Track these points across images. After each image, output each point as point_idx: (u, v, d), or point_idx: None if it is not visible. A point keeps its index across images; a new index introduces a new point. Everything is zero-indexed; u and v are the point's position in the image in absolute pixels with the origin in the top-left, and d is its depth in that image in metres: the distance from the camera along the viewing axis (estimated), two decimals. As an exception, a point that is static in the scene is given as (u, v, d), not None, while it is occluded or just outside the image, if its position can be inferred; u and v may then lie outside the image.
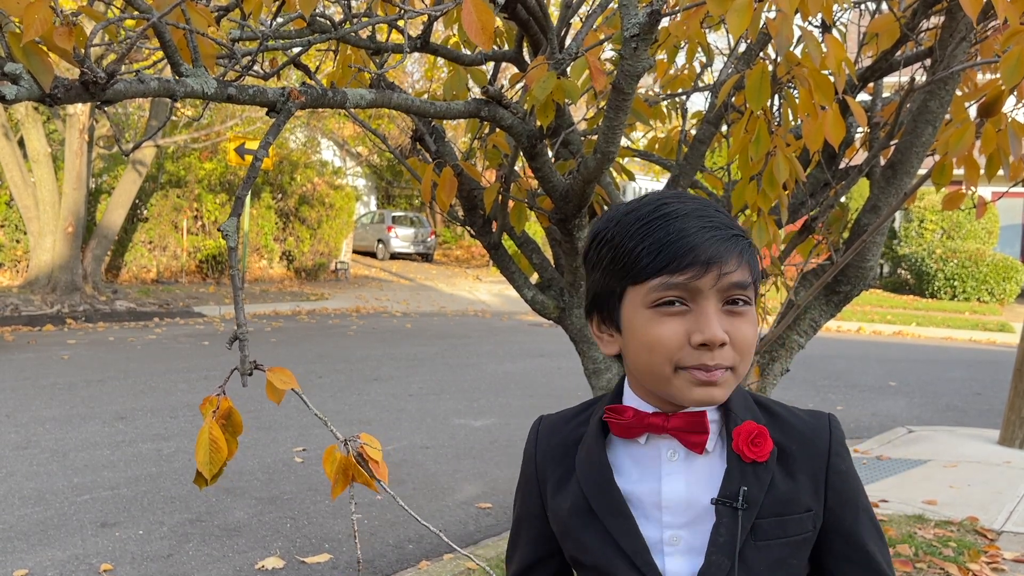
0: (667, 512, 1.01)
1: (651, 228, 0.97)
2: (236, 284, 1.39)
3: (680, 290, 0.95)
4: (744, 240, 0.99)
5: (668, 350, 0.96)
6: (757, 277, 1.01)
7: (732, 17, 1.65)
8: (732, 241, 0.97)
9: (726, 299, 0.97)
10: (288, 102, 1.49)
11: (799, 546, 1.00)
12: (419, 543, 4.12)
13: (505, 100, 2.05)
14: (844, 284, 2.75)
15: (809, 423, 1.05)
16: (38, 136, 13.08)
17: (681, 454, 1.01)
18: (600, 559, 1.02)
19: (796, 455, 1.02)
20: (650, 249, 0.96)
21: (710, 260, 0.95)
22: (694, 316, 0.96)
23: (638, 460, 1.04)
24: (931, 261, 17.89)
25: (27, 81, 1.19)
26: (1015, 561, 3.70)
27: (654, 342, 0.97)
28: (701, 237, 0.95)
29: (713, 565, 0.98)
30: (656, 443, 1.03)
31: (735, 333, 0.96)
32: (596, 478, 1.03)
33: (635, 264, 0.97)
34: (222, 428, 1.32)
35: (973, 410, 7.80)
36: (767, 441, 1.00)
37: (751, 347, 0.99)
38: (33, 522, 4.22)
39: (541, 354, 10.33)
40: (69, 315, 12.02)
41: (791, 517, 1.00)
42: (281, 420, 6.30)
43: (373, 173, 27.17)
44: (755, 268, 1.00)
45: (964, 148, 2.05)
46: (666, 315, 0.96)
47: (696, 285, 0.95)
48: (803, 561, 1.02)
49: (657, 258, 0.95)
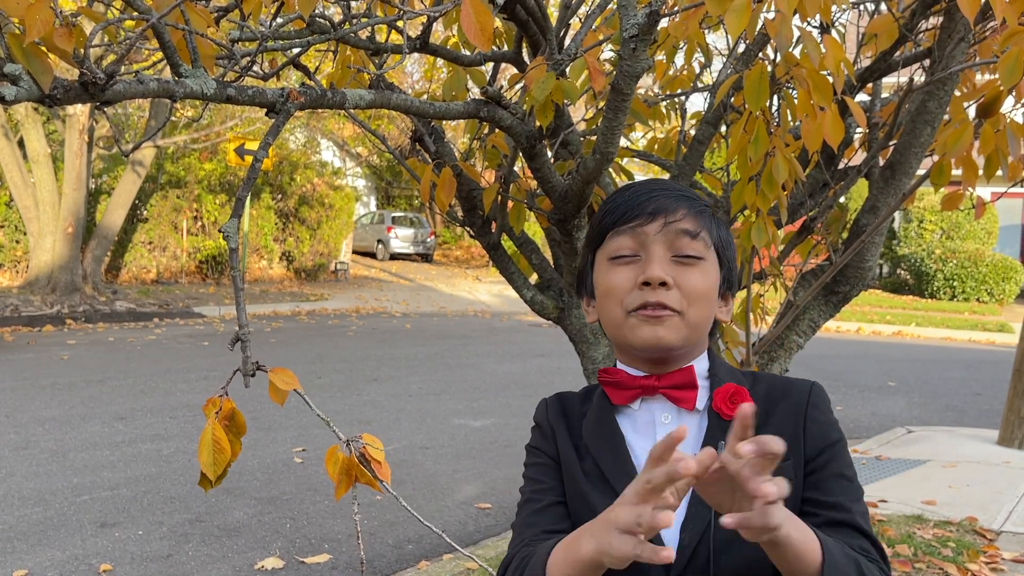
0: None
1: (614, 198, 1.10)
2: (238, 285, 1.39)
3: (630, 238, 1.05)
4: (698, 202, 1.08)
5: (619, 293, 1.05)
6: (715, 238, 1.08)
7: (731, 18, 1.65)
8: (680, 199, 1.07)
9: (676, 250, 1.05)
10: (287, 103, 1.49)
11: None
12: (418, 543, 4.12)
13: (504, 101, 2.05)
14: (843, 284, 2.75)
15: (792, 383, 1.11)
16: (38, 137, 13.08)
17: (672, 415, 1.07)
18: None
19: (776, 412, 1.07)
20: (610, 211, 1.09)
21: (656, 210, 1.05)
22: (642, 263, 1.05)
23: (635, 427, 1.09)
24: (930, 261, 17.89)
25: (27, 82, 1.19)
26: (1014, 561, 3.70)
27: (609, 288, 1.07)
28: (651, 195, 1.07)
29: (695, 516, 1.01)
30: (650, 407, 1.08)
31: (682, 279, 1.04)
32: (607, 443, 1.08)
33: (597, 228, 1.10)
34: (225, 429, 1.32)
35: (972, 410, 7.80)
36: (745, 399, 1.04)
37: (701, 295, 1.05)
38: (33, 522, 4.22)
39: (541, 354, 10.33)
40: (69, 315, 12.02)
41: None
42: (280, 420, 6.30)
43: (373, 174, 27.17)
44: (710, 227, 1.07)
45: (962, 148, 2.05)
46: (620, 264, 1.06)
47: (643, 231, 1.05)
48: None
49: (612, 216, 1.08)
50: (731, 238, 1.12)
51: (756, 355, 2.68)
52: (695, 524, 1.01)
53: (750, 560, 1.02)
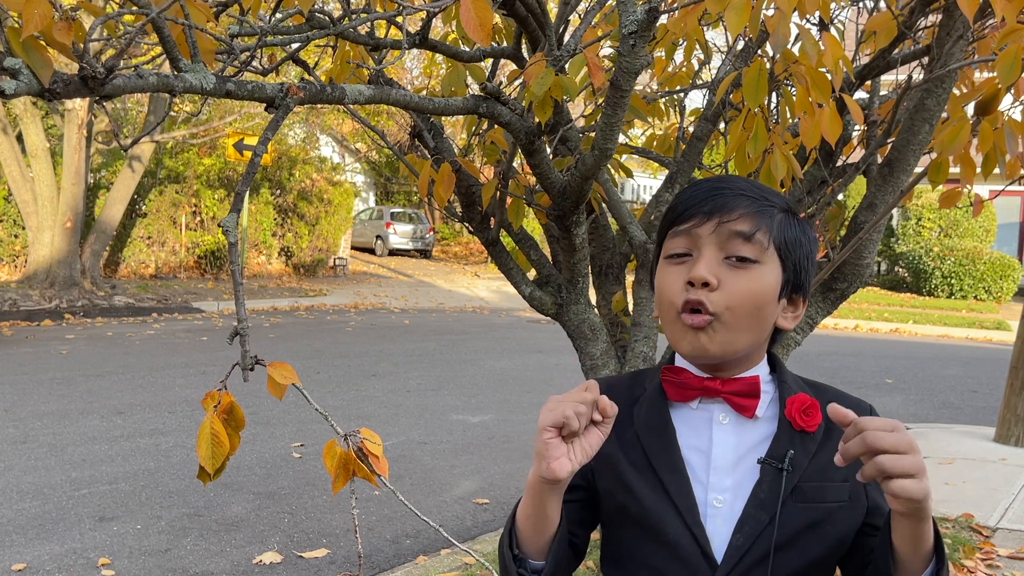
0: (714, 473, 1.04)
1: (679, 195, 1.08)
2: (237, 280, 1.40)
3: (685, 238, 1.04)
4: (761, 202, 1.04)
5: (668, 293, 1.04)
6: (778, 238, 1.04)
7: (730, 15, 1.66)
8: (741, 198, 1.03)
9: (730, 252, 1.02)
10: (286, 97, 1.49)
11: (833, 515, 1.04)
12: (416, 538, 4.13)
13: (503, 96, 2.05)
14: (841, 281, 2.76)
15: (853, 403, 1.09)
16: (37, 131, 13.06)
17: (732, 418, 1.06)
18: (652, 512, 1.04)
19: (839, 431, 1.06)
20: (672, 208, 1.08)
21: (712, 210, 1.03)
22: (693, 262, 1.03)
23: (689, 423, 1.07)
24: (928, 259, 17.90)
25: (26, 76, 1.20)
26: (1010, 558, 3.71)
27: (662, 287, 1.06)
28: (711, 194, 1.04)
29: (751, 518, 1.01)
30: (708, 407, 1.07)
31: (728, 281, 1.01)
32: (660, 436, 1.07)
33: (663, 225, 1.09)
34: (224, 423, 1.33)
35: (969, 407, 7.82)
36: (818, 413, 1.04)
37: (744, 300, 1.01)
38: (31, 516, 4.23)
39: (539, 350, 10.34)
40: (67, 310, 12.01)
41: (831, 484, 1.04)
42: (279, 415, 6.31)
43: (372, 169, 27.15)
44: (772, 227, 1.03)
45: (960, 146, 2.05)
46: (674, 264, 1.05)
47: (697, 232, 1.03)
48: (837, 529, 1.04)
49: (672, 214, 1.07)
50: (804, 238, 1.07)
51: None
52: (751, 526, 1.01)
53: (808, 564, 1.03)
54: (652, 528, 1.04)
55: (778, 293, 1.04)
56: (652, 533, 1.04)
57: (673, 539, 1.02)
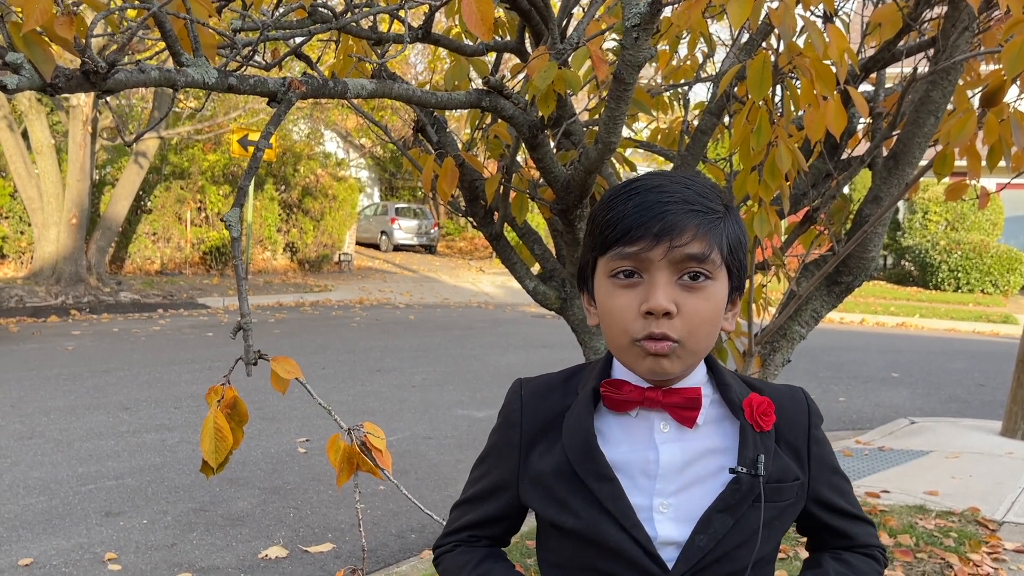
0: (660, 480, 1.03)
1: (617, 202, 1.01)
2: (240, 274, 1.40)
3: (632, 260, 0.99)
4: (709, 215, 1.00)
5: (623, 320, 1.00)
6: (726, 250, 1.01)
7: (734, 7, 1.65)
8: (690, 215, 0.98)
9: (682, 272, 0.99)
10: (289, 92, 1.49)
11: (784, 511, 1.07)
12: (421, 532, 4.14)
13: (507, 90, 2.05)
14: (846, 275, 2.75)
15: (788, 396, 1.11)
16: (42, 128, 13.09)
17: (672, 426, 1.05)
18: (586, 522, 1.03)
19: (783, 429, 1.08)
20: (611, 222, 1.00)
21: (661, 232, 0.97)
22: (645, 287, 0.99)
23: (628, 430, 1.06)
24: (935, 252, 17.84)
25: (28, 71, 1.20)
26: (1016, 551, 3.70)
27: (611, 312, 1.02)
28: (657, 211, 0.98)
29: (716, 521, 1.01)
30: (647, 415, 1.05)
31: (685, 306, 0.98)
32: (581, 444, 1.05)
33: (600, 235, 1.02)
34: (227, 418, 1.33)
35: (976, 401, 7.80)
36: (772, 412, 1.06)
37: (703, 322, 1.00)
38: (38, 511, 4.25)
39: (544, 345, 10.34)
40: (73, 306, 12.05)
41: (786, 484, 1.06)
42: (284, 411, 6.32)
43: (376, 165, 27.15)
44: (721, 242, 1.00)
45: (966, 138, 2.04)
46: (620, 286, 1.00)
47: (647, 256, 0.98)
48: (785, 524, 1.09)
49: (615, 230, 0.99)
50: (741, 233, 1.05)
51: (758, 345, 2.68)
52: (717, 527, 1.01)
53: (758, 559, 1.04)
54: (592, 539, 1.03)
55: (726, 301, 1.04)
56: (593, 543, 1.03)
57: (614, 545, 1.01)
